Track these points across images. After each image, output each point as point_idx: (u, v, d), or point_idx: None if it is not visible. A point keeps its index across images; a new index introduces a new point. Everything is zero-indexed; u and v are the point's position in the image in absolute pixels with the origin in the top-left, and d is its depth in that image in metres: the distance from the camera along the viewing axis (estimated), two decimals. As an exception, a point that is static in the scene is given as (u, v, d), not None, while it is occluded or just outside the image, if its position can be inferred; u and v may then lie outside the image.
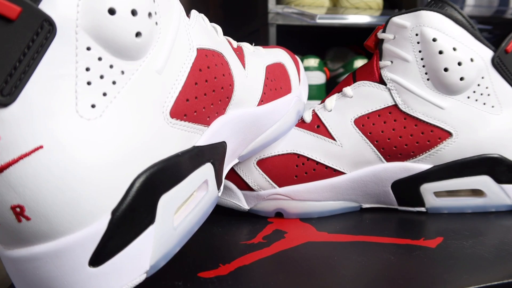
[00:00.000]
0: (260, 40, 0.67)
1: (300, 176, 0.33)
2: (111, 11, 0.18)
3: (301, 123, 0.35)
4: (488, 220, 0.32)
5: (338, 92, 0.35)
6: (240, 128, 0.28)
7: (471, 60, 0.32)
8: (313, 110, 0.35)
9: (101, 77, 0.18)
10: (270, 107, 0.31)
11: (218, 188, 0.25)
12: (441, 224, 0.31)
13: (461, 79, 0.32)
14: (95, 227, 0.17)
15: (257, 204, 0.34)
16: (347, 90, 0.35)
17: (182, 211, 0.22)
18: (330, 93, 0.36)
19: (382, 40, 0.35)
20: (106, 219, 0.17)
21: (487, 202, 0.33)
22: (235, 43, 0.31)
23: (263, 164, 0.33)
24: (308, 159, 0.33)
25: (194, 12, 0.25)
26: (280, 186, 0.33)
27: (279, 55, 0.35)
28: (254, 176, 0.33)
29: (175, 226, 0.21)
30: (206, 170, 0.24)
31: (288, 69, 0.35)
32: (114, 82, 0.19)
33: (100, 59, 0.18)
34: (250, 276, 0.22)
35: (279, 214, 0.34)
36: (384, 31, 0.35)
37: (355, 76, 0.35)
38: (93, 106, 0.18)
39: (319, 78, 0.73)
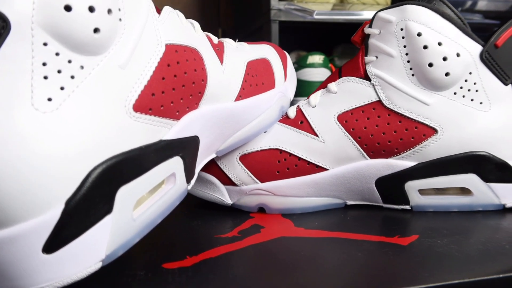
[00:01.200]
0: (263, 37, 0.67)
1: (282, 171, 0.33)
2: (67, 8, 0.19)
3: (285, 119, 0.35)
4: (473, 219, 0.31)
5: (324, 88, 0.35)
6: (215, 123, 0.28)
7: (457, 55, 0.31)
8: (298, 106, 0.35)
9: (59, 71, 0.19)
10: (249, 102, 0.31)
11: (188, 181, 0.26)
12: (422, 222, 0.30)
13: (447, 74, 0.31)
14: (48, 215, 0.18)
15: (239, 199, 0.34)
16: (332, 86, 0.34)
17: (147, 202, 0.23)
18: (316, 89, 0.36)
19: (368, 35, 0.34)
20: (59, 208, 0.18)
21: (474, 201, 0.32)
22: (215, 39, 0.31)
23: (245, 159, 0.33)
24: (290, 154, 0.33)
25: (166, 8, 0.26)
26: (262, 181, 0.33)
27: (265, 50, 0.35)
28: (237, 171, 0.33)
29: (135, 217, 0.21)
30: (174, 164, 0.24)
31: (273, 65, 0.35)
32: (72, 77, 0.19)
33: (57, 54, 0.19)
34: (212, 268, 0.23)
35: (262, 209, 0.34)
36: (370, 26, 0.34)
37: (341, 72, 0.35)
38: (49, 99, 0.18)
39: (324, 74, 0.73)
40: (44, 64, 0.18)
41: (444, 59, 0.31)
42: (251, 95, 0.31)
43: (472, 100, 0.32)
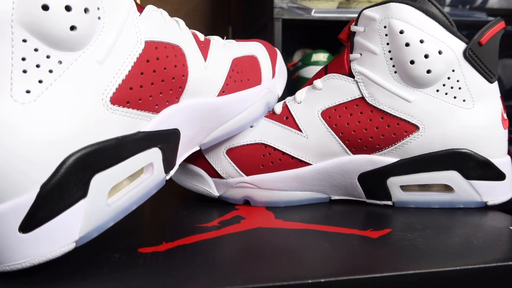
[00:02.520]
0: (268, 34, 0.68)
1: (266, 165, 0.34)
2: (45, 7, 0.20)
3: (271, 115, 0.36)
4: (453, 215, 0.31)
5: (310, 85, 0.36)
6: (196, 116, 0.29)
7: (439, 52, 0.31)
8: (284, 102, 0.36)
9: (37, 66, 0.20)
10: (233, 98, 0.32)
11: (167, 172, 0.27)
12: (400, 218, 0.31)
13: (428, 71, 0.31)
14: (24, 198, 0.19)
15: (226, 192, 0.35)
16: (317, 82, 0.35)
17: (124, 189, 0.24)
18: (303, 86, 0.37)
19: (354, 33, 0.35)
20: (35, 191, 0.20)
21: (455, 198, 0.32)
22: (202, 36, 0.32)
23: (232, 153, 0.35)
24: (275, 149, 0.34)
25: (148, 7, 0.27)
26: (247, 174, 0.34)
27: (253, 48, 0.36)
28: (223, 164, 0.35)
29: (110, 203, 0.23)
30: (152, 154, 0.26)
31: (261, 62, 0.36)
32: (50, 71, 0.21)
33: (36, 50, 0.20)
34: (183, 254, 0.24)
35: (247, 202, 0.35)
36: (356, 24, 0.35)
37: (327, 69, 0.36)
38: (28, 91, 0.20)
39: (329, 72, 0.73)
40: (23, 59, 0.20)
41: (426, 56, 0.31)
42: (235, 91, 0.32)
43: (455, 97, 0.32)
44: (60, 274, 0.21)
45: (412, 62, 0.31)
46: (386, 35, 0.32)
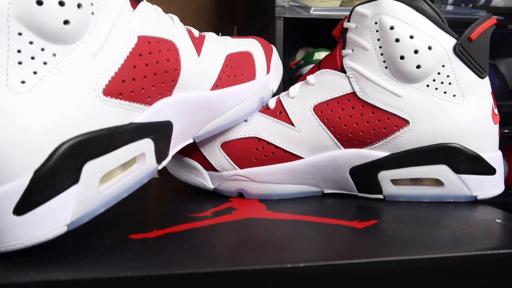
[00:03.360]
0: (270, 33, 0.69)
1: (259, 159, 0.35)
2: (39, 2, 0.21)
3: (266, 109, 0.37)
4: (442, 209, 0.31)
5: (303, 80, 0.37)
6: (189, 109, 0.30)
7: (429, 48, 0.32)
8: (278, 97, 0.37)
9: (32, 58, 0.22)
10: (226, 92, 0.33)
11: (159, 162, 0.28)
12: (389, 210, 0.31)
13: (418, 67, 0.32)
14: (18, 182, 0.20)
15: (220, 184, 0.36)
16: (310, 78, 0.36)
17: (117, 177, 0.25)
18: (297, 81, 0.38)
19: (347, 29, 0.35)
20: (28, 176, 0.21)
21: (445, 192, 0.33)
22: (196, 33, 0.33)
23: (226, 146, 0.35)
24: (268, 143, 0.35)
25: (142, 3, 0.28)
26: (241, 167, 0.35)
27: (249, 44, 0.37)
28: (218, 157, 0.36)
29: (101, 189, 0.24)
30: (144, 145, 0.26)
31: (255, 58, 0.37)
32: (45, 63, 0.22)
33: (31, 43, 0.21)
34: (172, 240, 0.25)
35: (241, 195, 0.36)
36: (348, 21, 0.35)
37: (320, 65, 0.36)
38: (23, 82, 0.21)
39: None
40: (18, 51, 0.21)
41: (416, 52, 0.32)
42: (229, 85, 0.33)
43: (445, 92, 0.32)
44: (52, 256, 0.22)
45: (402, 57, 0.32)
46: (377, 31, 0.33)
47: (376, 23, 0.33)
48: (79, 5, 0.23)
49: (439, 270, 0.22)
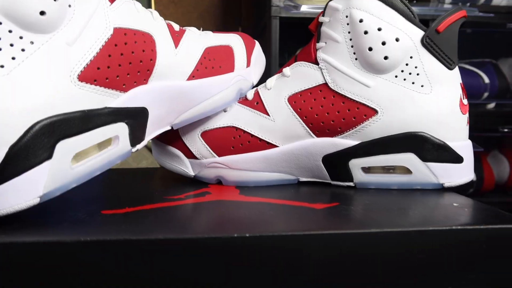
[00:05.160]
0: (265, 33, 0.71)
1: (236, 147, 0.37)
2: (17, -6, 0.24)
3: (244, 100, 0.38)
4: (408, 195, 0.32)
5: (280, 73, 0.38)
6: (165, 98, 0.32)
7: (396, 40, 0.33)
8: (257, 89, 0.39)
9: (11, 45, 0.24)
10: (202, 82, 0.35)
11: (133, 145, 0.30)
12: (355, 196, 0.32)
13: (385, 58, 0.33)
14: (-5, 155, 0.23)
15: (200, 171, 0.38)
16: (286, 70, 0.37)
17: (92, 157, 0.27)
18: (275, 73, 0.39)
19: (321, 23, 0.37)
20: (4, 151, 0.23)
21: (412, 180, 0.34)
22: (177, 27, 0.35)
23: (206, 135, 0.37)
24: (244, 132, 0.36)
25: None
26: (219, 155, 0.37)
27: (230, 39, 0.39)
28: (198, 145, 0.37)
29: (73, 166, 0.26)
30: (118, 128, 0.29)
31: (235, 51, 0.38)
32: (23, 50, 0.24)
33: (10, 31, 0.24)
34: (140, 216, 0.27)
35: (220, 182, 0.38)
36: (323, 15, 0.37)
37: (297, 58, 0.38)
38: (1, 66, 0.24)
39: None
40: (-1, 38, 0.24)
41: (383, 43, 0.33)
42: (206, 76, 0.35)
43: (413, 83, 0.33)
44: (25, 225, 0.24)
45: (370, 49, 0.33)
46: (348, 24, 0.34)
47: (347, 16, 0.34)
48: (55, -2, 0.25)
49: (379, 245, 0.23)
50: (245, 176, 0.37)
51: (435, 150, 0.33)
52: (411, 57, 0.33)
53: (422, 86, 0.34)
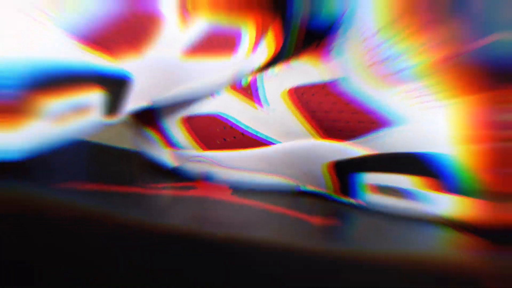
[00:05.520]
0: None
1: (227, 140, 0.32)
2: None
3: (237, 87, 0.33)
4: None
5: (287, 62, 0.34)
6: (155, 70, 0.28)
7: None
8: (254, 76, 0.34)
9: None
10: (197, 62, 0.30)
11: (109, 117, 0.25)
12: (360, 216, 0.28)
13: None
14: None
15: (182, 164, 0.33)
16: (296, 60, 0.33)
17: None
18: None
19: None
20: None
21: (418, 207, 0.29)
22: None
23: (189, 122, 0.32)
24: (235, 122, 0.31)
25: None
26: (205, 147, 0.32)
27: (240, 22, 0.35)
28: (180, 134, 0.32)
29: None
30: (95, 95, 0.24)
31: (243, 35, 0.34)
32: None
33: None
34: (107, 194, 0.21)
35: (208, 178, 0.32)
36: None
37: (311, 48, 0.34)
38: None
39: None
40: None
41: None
42: (203, 56, 0.30)
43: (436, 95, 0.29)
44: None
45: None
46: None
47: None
48: None
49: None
50: (238, 176, 0.32)
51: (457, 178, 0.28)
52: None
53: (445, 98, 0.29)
